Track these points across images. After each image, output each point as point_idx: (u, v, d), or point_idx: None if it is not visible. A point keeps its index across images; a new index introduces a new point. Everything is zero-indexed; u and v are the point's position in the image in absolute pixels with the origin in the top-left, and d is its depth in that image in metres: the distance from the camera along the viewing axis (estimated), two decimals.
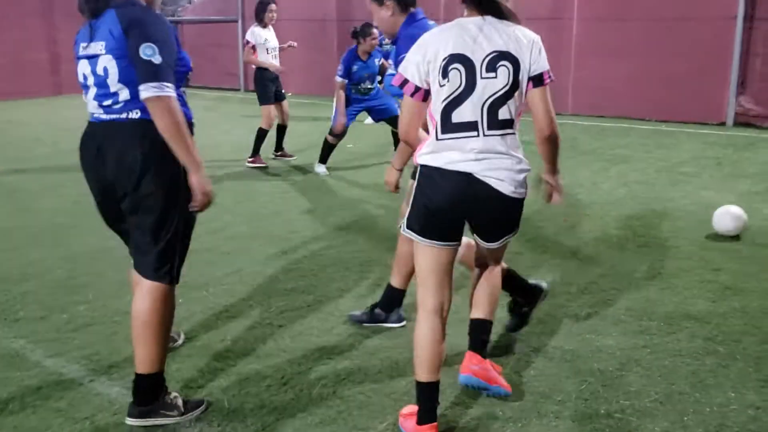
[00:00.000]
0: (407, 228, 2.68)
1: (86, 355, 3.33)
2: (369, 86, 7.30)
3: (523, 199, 2.69)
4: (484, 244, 2.85)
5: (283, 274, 4.41)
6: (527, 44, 2.58)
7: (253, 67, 7.97)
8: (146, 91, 2.49)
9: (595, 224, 5.49)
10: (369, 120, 10.82)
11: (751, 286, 4.20)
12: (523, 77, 2.58)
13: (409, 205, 2.68)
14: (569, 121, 10.93)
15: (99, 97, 2.63)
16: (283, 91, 7.92)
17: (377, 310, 3.66)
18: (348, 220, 5.65)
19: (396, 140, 7.22)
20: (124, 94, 2.58)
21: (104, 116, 2.63)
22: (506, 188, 2.60)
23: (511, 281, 3.33)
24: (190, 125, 2.71)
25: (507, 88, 2.56)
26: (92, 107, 2.68)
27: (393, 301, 3.64)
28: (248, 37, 7.78)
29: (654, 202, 6.16)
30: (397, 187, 3.30)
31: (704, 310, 3.85)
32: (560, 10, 11.78)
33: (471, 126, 2.57)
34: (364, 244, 5.02)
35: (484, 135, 2.57)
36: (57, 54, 14.55)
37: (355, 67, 7.18)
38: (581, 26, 11.69)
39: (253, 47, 7.76)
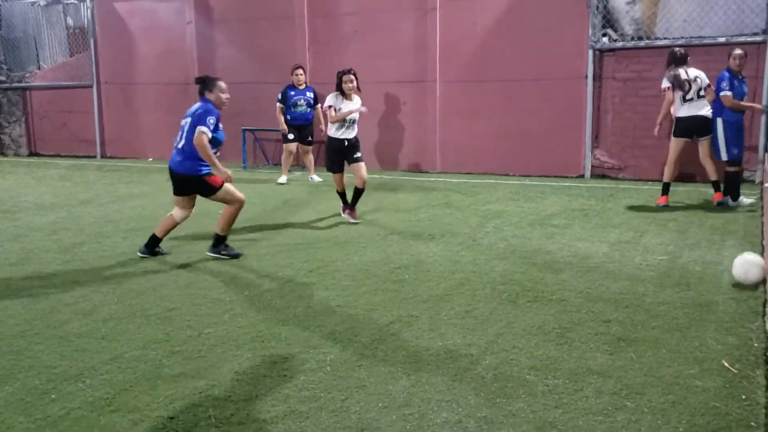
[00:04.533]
0: None
1: None
2: None
3: None
4: None
5: (167, 358, 4.02)
6: None
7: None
8: None
9: (484, 280, 5.50)
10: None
11: (642, 336, 4.30)
12: None
13: None
14: (440, 179, 11.15)
15: None
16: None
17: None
18: (232, 294, 5.28)
19: None
20: None
21: None
22: None
23: None
24: None
25: None
26: None
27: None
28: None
29: (534, 255, 6.29)
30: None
31: (604, 364, 3.88)
32: (423, 73, 12.15)
33: None
34: (253, 318, 4.69)
35: None
36: None
37: None
38: (444, 88, 12.09)
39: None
